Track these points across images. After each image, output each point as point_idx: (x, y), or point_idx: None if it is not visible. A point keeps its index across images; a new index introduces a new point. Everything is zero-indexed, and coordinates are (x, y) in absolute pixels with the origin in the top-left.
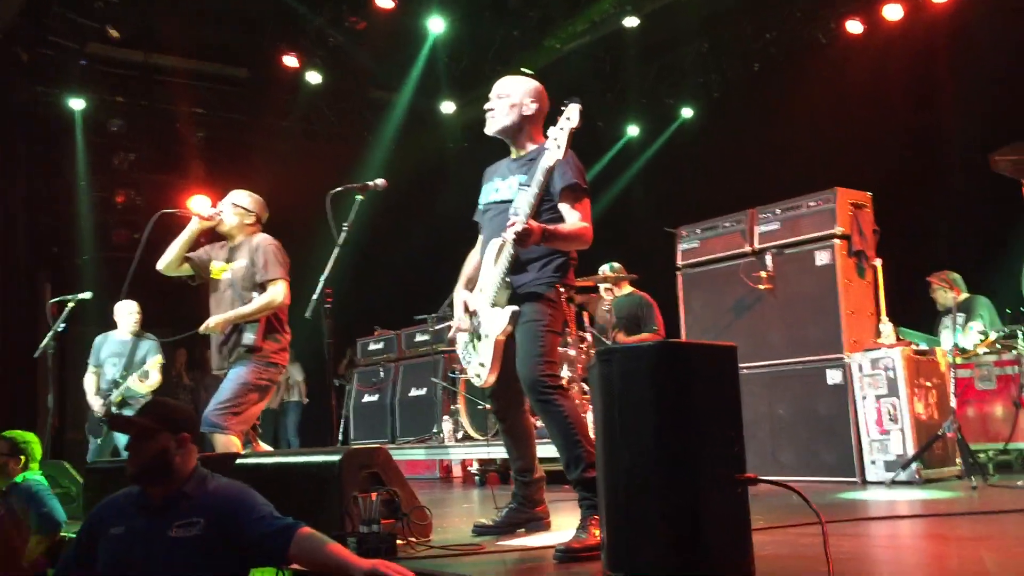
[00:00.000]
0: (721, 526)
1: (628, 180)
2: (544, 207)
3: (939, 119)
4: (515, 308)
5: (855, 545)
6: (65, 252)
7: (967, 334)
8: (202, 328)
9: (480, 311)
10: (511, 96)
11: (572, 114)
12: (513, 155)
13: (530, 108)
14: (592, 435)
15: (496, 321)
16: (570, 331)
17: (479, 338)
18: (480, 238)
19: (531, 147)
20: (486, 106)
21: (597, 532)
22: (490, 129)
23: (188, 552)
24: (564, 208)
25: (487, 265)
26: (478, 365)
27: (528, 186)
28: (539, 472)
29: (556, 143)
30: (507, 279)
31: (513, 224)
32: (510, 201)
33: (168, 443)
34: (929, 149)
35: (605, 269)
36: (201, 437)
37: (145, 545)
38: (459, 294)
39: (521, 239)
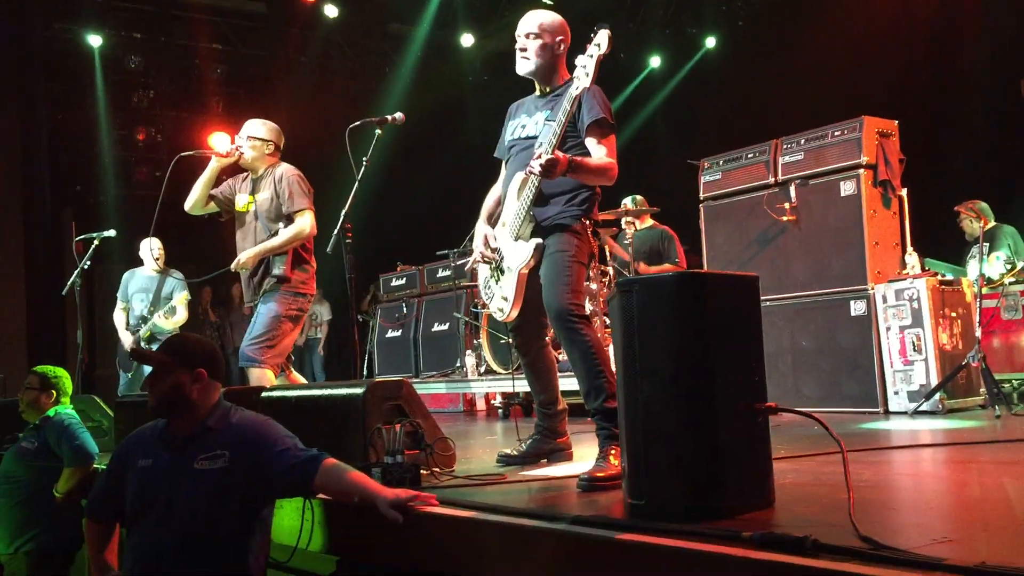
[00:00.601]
0: (741, 455)
1: (650, 112)
2: (569, 141)
3: (965, 46)
4: (539, 241)
5: (876, 473)
6: (88, 190)
7: (992, 264)
8: (233, 265)
9: (503, 245)
10: (543, 36)
11: (602, 40)
12: (538, 91)
13: (560, 47)
14: (613, 367)
15: (520, 254)
16: (595, 264)
17: (501, 272)
18: (503, 173)
19: (558, 83)
20: (518, 46)
21: (617, 462)
22: (523, 70)
23: (213, 484)
24: (590, 143)
25: (510, 199)
26: (501, 299)
27: (554, 120)
28: (562, 404)
29: (585, 71)
30: (531, 212)
31: (539, 156)
32: (535, 137)
33: (183, 377)
34: (955, 76)
35: (627, 202)
36: (231, 372)
37: (171, 477)
38: (480, 228)
39: (547, 169)
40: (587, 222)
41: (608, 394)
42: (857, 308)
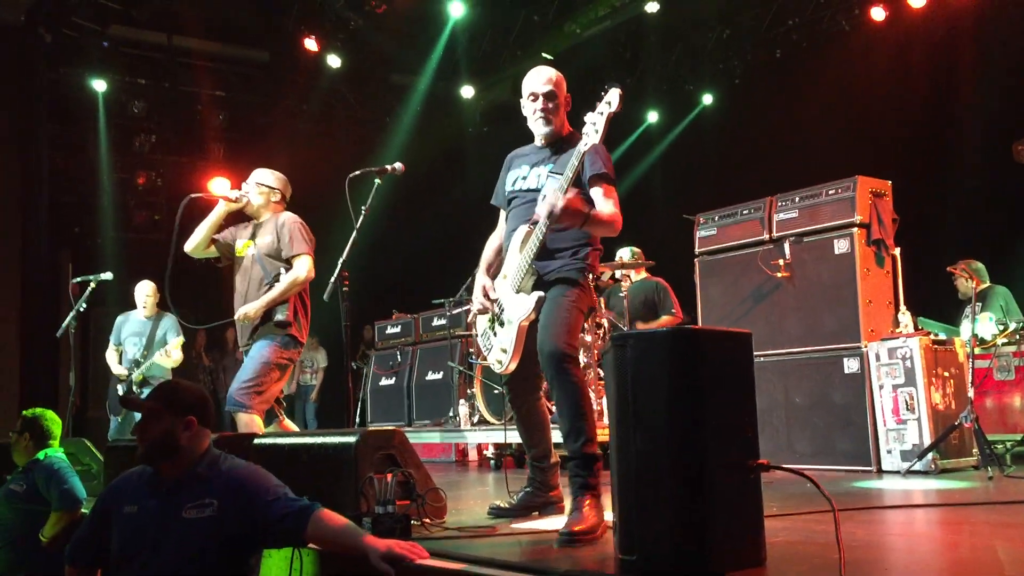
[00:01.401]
0: (733, 511)
1: (648, 166)
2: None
3: (960, 108)
4: (541, 294)
5: (868, 533)
6: (86, 232)
7: (984, 324)
8: (237, 317)
9: (503, 296)
10: (558, 95)
11: (612, 99)
12: (539, 142)
13: (568, 103)
14: (607, 420)
15: (521, 307)
16: (597, 314)
17: (501, 324)
18: (501, 223)
19: (561, 136)
20: (537, 105)
21: (592, 512)
22: (544, 130)
23: (201, 533)
24: (596, 195)
25: (512, 252)
26: (499, 351)
27: (559, 173)
28: (554, 457)
29: (595, 127)
30: (533, 266)
31: (554, 203)
32: (537, 190)
33: (174, 424)
34: (950, 138)
35: (624, 254)
36: (222, 417)
37: (157, 525)
38: (480, 278)
39: (567, 213)
40: (590, 276)
41: (587, 438)
42: (851, 366)
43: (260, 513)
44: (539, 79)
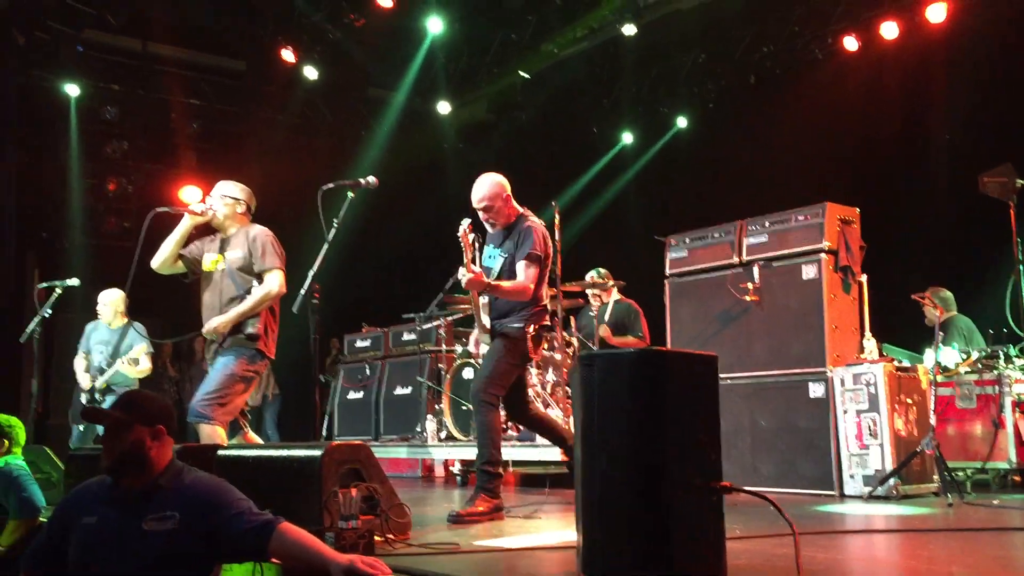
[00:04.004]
0: (694, 533)
1: (620, 187)
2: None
3: (930, 138)
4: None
5: (829, 557)
6: (54, 237)
7: (947, 353)
8: (205, 331)
9: (482, 345)
10: (493, 205)
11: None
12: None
13: (508, 199)
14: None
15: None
16: (534, 359)
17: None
18: None
19: (510, 221)
20: (483, 217)
21: (483, 507)
22: (492, 230)
23: (161, 546)
24: (519, 268)
25: (479, 315)
26: None
27: (504, 253)
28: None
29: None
30: (483, 322)
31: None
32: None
33: (142, 435)
34: (919, 167)
35: (592, 274)
36: (185, 428)
37: (117, 537)
38: (475, 334)
39: (469, 284)
40: (529, 331)
41: (487, 459)
42: (816, 390)
43: (222, 527)
44: (475, 197)
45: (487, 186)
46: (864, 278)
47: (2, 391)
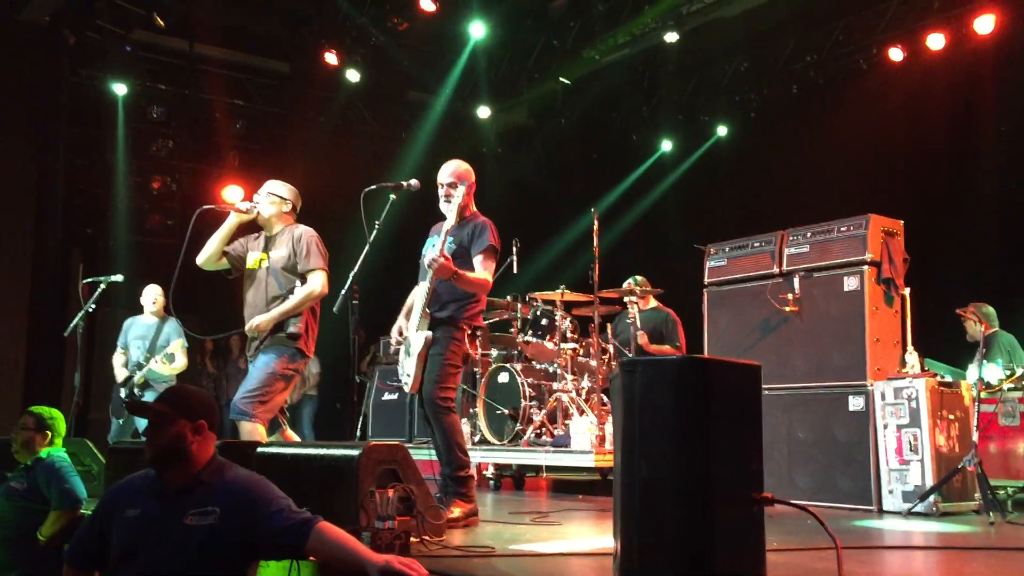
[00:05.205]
0: (734, 543)
1: (659, 195)
2: (460, 259)
3: (976, 151)
4: (428, 333)
5: (869, 573)
6: (99, 233)
7: (991, 369)
8: (248, 328)
9: (409, 335)
10: (466, 181)
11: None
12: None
13: (470, 190)
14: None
15: (416, 343)
16: (473, 361)
17: (408, 354)
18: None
19: (466, 215)
20: (442, 193)
21: (458, 511)
22: (445, 209)
23: (201, 540)
24: (477, 261)
25: (417, 302)
26: (406, 375)
27: (456, 243)
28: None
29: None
30: (426, 310)
31: (438, 257)
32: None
33: (184, 429)
34: (965, 180)
35: (630, 282)
36: (223, 424)
37: (158, 530)
38: (399, 320)
39: (440, 269)
40: (466, 328)
41: (459, 465)
42: (855, 403)
43: (261, 524)
44: (446, 171)
45: (462, 166)
46: (907, 291)
47: (45, 384)
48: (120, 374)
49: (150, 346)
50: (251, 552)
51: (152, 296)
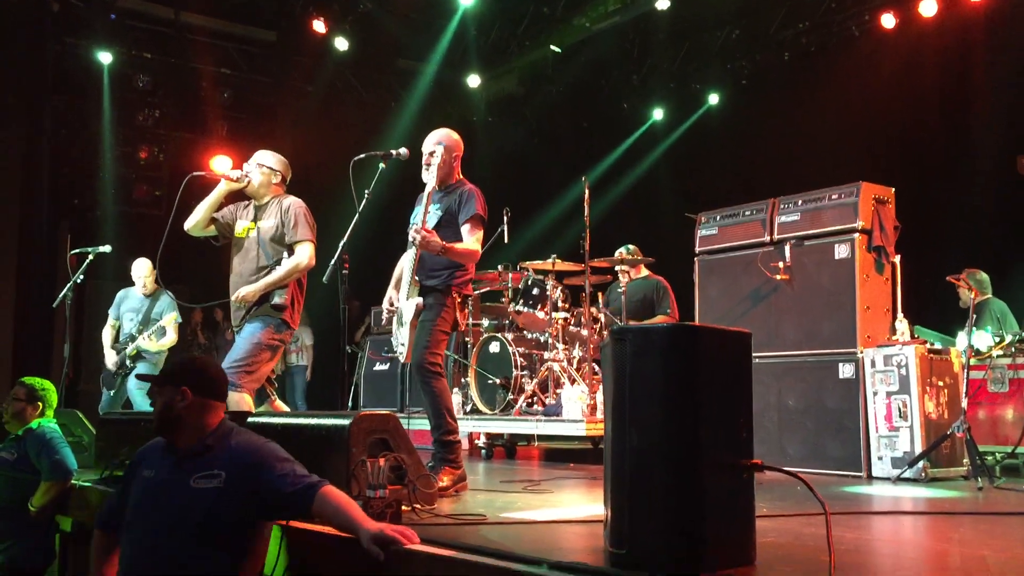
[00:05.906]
0: (724, 510)
1: (651, 163)
2: (447, 228)
3: (968, 118)
4: (419, 301)
5: (857, 537)
6: (86, 204)
7: (980, 336)
8: (234, 298)
9: (400, 304)
10: (451, 149)
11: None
12: (437, 187)
13: (455, 159)
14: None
15: (407, 311)
16: (461, 328)
17: (400, 324)
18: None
19: (451, 182)
20: (426, 160)
21: (446, 479)
22: (430, 178)
23: (207, 503)
24: (464, 231)
25: (406, 270)
26: (400, 344)
27: (442, 210)
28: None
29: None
30: (416, 278)
31: (420, 229)
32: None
33: (172, 396)
34: (956, 147)
35: (621, 251)
36: None
37: (167, 491)
38: (389, 290)
39: (425, 243)
40: (456, 296)
41: (446, 429)
42: (845, 371)
43: (266, 487)
44: (432, 138)
45: (447, 133)
46: (898, 259)
47: (35, 356)
48: (107, 348)
49: (143, 319)
50: (257, 515)
51: (142, 271)
